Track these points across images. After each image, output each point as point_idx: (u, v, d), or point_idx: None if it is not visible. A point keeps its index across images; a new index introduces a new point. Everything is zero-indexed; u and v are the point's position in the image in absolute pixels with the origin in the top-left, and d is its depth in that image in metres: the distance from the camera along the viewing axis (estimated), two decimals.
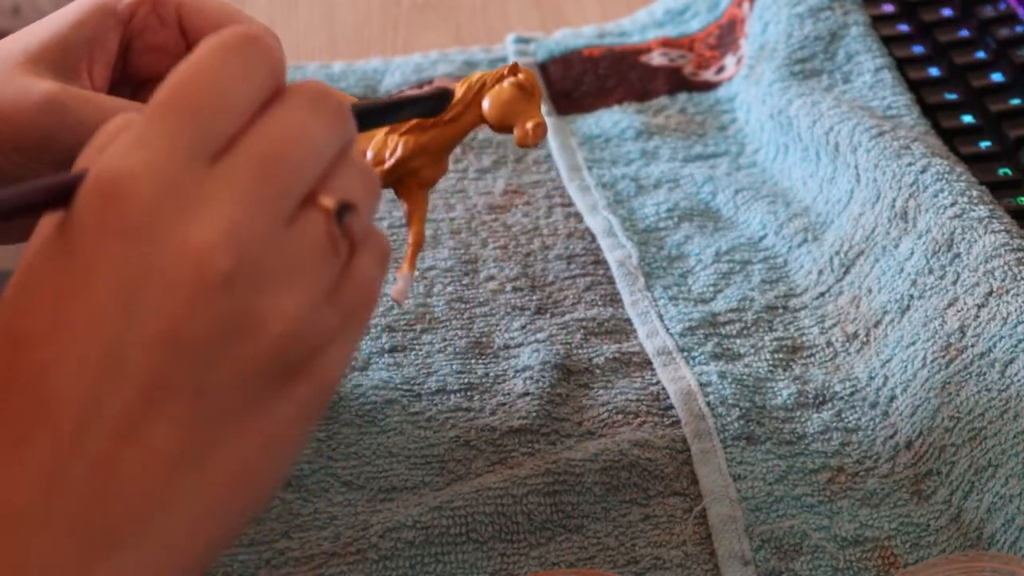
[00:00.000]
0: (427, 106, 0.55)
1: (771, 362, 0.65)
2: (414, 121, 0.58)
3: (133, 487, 0.42)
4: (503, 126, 0.58)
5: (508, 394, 0.65)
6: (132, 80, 0.64)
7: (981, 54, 0.79)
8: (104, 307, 0.41)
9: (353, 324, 0.46)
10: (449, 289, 0.71)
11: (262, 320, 0.43)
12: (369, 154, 0.60)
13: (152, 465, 0.42)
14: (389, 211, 0.75)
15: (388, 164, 0.58)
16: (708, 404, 0.63)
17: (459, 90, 0.58)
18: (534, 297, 0.70)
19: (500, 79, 0.58)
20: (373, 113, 0.50)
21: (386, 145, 0.59)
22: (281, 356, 0.43)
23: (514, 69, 0.58)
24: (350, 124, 0.46)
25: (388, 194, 0.71)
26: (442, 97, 0.55)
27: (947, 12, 0.83)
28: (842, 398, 0.63)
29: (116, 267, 0.42)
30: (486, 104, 0.58)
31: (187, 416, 0.42)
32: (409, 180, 0.59)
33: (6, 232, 0.64)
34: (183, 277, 0.42)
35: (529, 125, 0.58)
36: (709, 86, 0.83)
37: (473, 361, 0.67)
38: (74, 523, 0.41)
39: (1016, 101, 0.75)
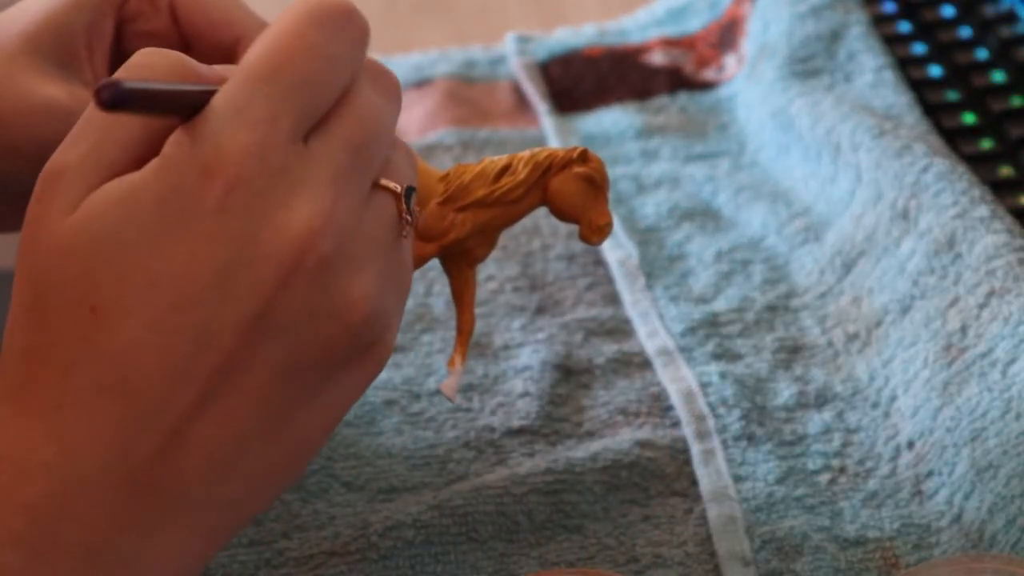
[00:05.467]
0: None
1: (772, 362, 0.65)
2: (472, 197, 0.55)
3: (202, 456, 0.42)
4: (566, 218, 0.55)
5: (508, 394, 0.64)
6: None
7: (982, 54, 0.79)
8: (200, 285, 0.42)
9: (403, 302, 0.47)
10: (449, 289, 0.71)
11: (349, 302, 0.43)
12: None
13: (224, 437, 0.43)
14: None
15: (447, 241, 0.55)
16: (709, 404, 0.63)
17: (523, 169, 0.55)
18: (534, 297, 0.70)
19: (568, 163, 0.55)
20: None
21: (442, 218, 0.55)
22: (361, 337, 0.44)
23: (583, 156, 0.55)
24: (401, 102, 0.47)
25: None
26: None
27: (948, 12, 0.83)
28: (843, 398, 0.63)
29: (215, 244, 0.42)
30: (551, 192, 0.55)
31: (267, 394, 0.43)
32: (460, 258, 0.56)
33: None
34: (283, 259, 0.42)
35: (598, 224, 0.55)
36: (710, 85, 0.83)
37: (473, 361, 0.66)
38: (140, 488, 0.42)
39: (1018, 101, 0.75)
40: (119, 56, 0.62)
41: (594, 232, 0.55)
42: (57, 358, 0.42)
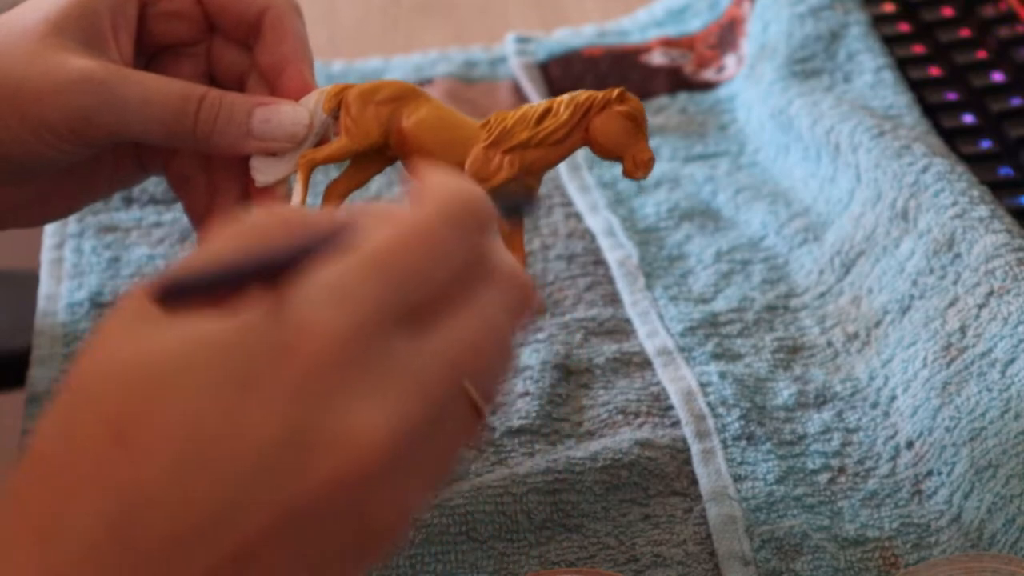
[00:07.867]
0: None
1: (772, 362, 0.65)
2: (516, 140, 0.57)
3: None
4: (609, 156, 0.57)
5: (508, 394, 0.64)
6: (146, 48, 0.61)
7: (982, 54, 0.79)
8: (243, 461, 0.38)
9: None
10: None
11: (383, 521, 0.40)
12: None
13: None
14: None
15: (495, 182, 0.56)
16: (708, 404, 0.63)
17: (564, 111, 0.56)
18: None
19: (607, 104, 0.56)
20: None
21: (488, 161, 0.57)
22: (381, 545, 0.41)
23: (621, 96, 0.57)
24: (528, 312, 0.43)
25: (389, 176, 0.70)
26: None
27: (947, 12, 0.83)
28: (843, 398, 0.63)
29: (271, 422, 0.38)
30: (594, 131, 0.56)
31: None
32: None
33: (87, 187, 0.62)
34: (329, 460, 0.38)
35: (643, 159, 0.57)
36: (709, 86, 0.83)
37: None
38: None
39: (1017, 101, 0.75)
40: (141, 37, 0.61)
41: (639, 167, 0.57)
42: (67, 471, 0.39)
